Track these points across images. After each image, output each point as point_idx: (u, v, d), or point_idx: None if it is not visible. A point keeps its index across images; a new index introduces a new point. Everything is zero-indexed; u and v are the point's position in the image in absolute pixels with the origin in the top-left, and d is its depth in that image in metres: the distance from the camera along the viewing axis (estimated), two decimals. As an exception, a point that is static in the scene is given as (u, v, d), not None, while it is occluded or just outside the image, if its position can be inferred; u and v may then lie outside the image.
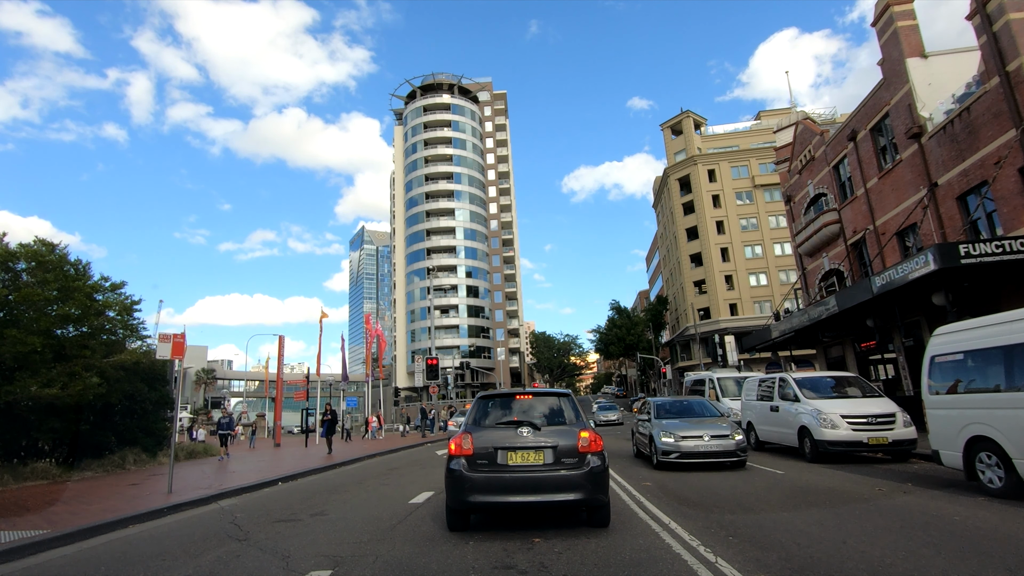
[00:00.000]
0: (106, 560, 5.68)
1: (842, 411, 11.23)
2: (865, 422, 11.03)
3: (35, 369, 13.21)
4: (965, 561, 4.44)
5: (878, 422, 11.01)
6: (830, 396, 12.24)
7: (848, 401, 11.83)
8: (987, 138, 15.15)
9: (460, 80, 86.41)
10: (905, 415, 11.13)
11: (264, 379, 63.60)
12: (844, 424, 11.00)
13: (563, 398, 6.60)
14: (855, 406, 11.44)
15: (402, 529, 6.37)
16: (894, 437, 10.76)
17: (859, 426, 10.98)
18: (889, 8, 19.17)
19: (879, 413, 11.13)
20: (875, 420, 11.04)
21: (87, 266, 16.36)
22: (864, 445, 10.85)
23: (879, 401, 11.71)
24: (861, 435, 10.83)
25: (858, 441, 10.82)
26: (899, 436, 10.79)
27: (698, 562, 4.63)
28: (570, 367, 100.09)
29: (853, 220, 23.08)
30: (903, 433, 10.82)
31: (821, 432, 11.09)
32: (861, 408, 11.32)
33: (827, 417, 11.15)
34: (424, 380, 46.86)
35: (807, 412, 11.64)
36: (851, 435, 10.86)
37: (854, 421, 11.05)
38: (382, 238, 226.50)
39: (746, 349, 32.68)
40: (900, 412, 11.13)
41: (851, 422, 11.04)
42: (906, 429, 10.86)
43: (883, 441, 10.79)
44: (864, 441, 10.81)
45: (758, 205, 60.97)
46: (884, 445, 10.85)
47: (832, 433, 10.98)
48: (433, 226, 78.20)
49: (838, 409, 11.30)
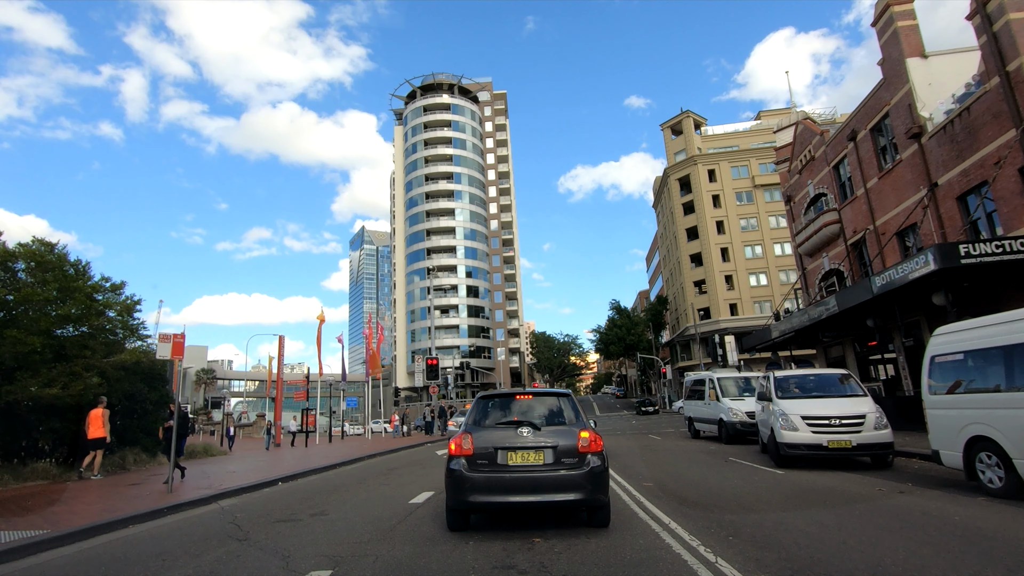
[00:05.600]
0: (106, 560, 5.67)
1: (804, 412, 10.29)
2: (826, 424, 10.03)
3: (35, 369, 13.20)
4: (965, 561, 4.44)
5: (842, 424, 9.96)
6: (805, 396, 11.19)
7: (818, 401, 10.78)
8: (987, 138, 15.15)
9: (460, 80, 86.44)
10: (880, 417, 10.06)
11: (264, 379, 63.57)
12: (803, 426, 10.09)
13: (563, 398, 6.59)
14: (822, 406, 10.44)
15: (402, 529, 6.37)
16: (860, 440, 9.71)
17: (820, 428, 10.02)
18: (889, 8, 19.18)
19: (845, 414, 10.05)
20: (838, 422, 9.98)
21: (87, 266, 16.34)
22: (824, 449, 9.86)
23: (854, 401, 10.59)
24: (821, 438, 9.90)
25: (817, 444, 9.89)
26: (867, 440, 9.72)
27: (698, 562, 4.63)
28: (570, 367, 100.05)
29: (853, 220, 23.08)
30: (872, 436, 9.75)
31: (781, 434, 10.32)
32: (827, 408, 10.31)
33: (788, 418, 10.32)
34: (424, 380, 46.86)
35: (777, 413, 10.80)
36: (811, 438, 9.97)
37: (815, 423, 10.07)
38: (382, 238, 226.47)
39: (746, 349, 32.70)
40: (874, 413, 10.05)
41: (811, 424, 10.08)
42: (877, 432, 9.81)
43: (845, 445, 9.73)
44: (824, 444, 9.85)
45: (758, 205, 60.97)
46: (847, 449, 9.75)
47: (791, 436, 10.15)
48: (433, 226, 78.21)
49: (801, 410, 10.36)
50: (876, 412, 10.13)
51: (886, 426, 10.00)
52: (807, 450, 10.02)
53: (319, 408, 33.11)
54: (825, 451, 9.91)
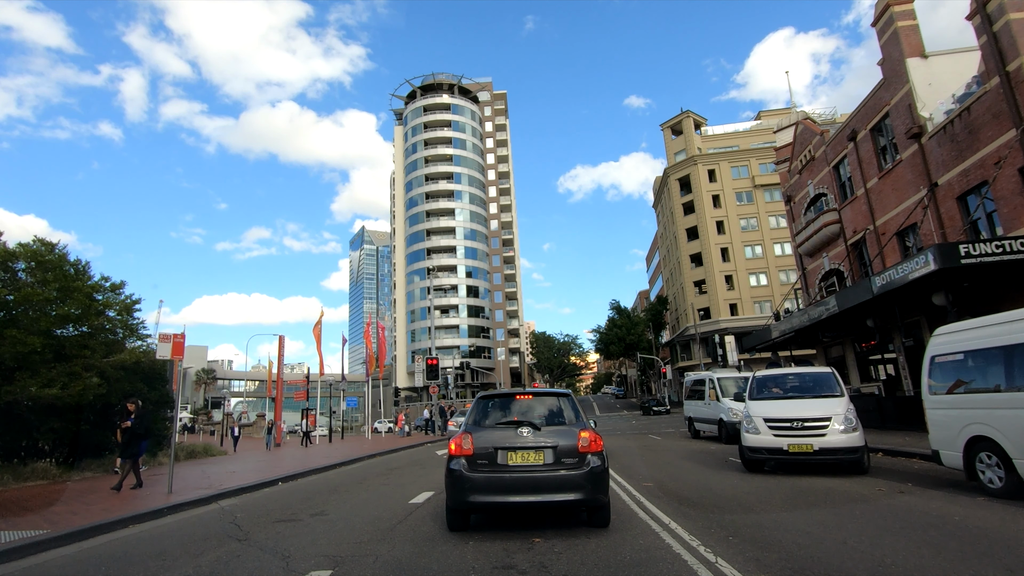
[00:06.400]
0: (106, 560, 5.67)
1: (768, 414, 9.77)
2: (788, 427, 9.46)
3: (35, 369, 13.21)
4: (965, 561, 4.44)
5: (804, 427, 9.35)
6: (782, 397, 10.63)
7: (787, 402, 10.19)
8: (987, 138, 15.15)
9: (460, 80, 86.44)
10: (849, 419, 9.32)
11: (264, 379, 63.60)
12: (765, 429, 9.62)
13: (563, 398, 6.59)
14: (788, 408, 9.86)
15: (402, 529, 6.37)
16: (823, 444, 9.09)
17: (781, 431, 9.48)
18: (889, 8, 19.18)
19: (807, 416, 9.44)
20: (800, 424, 9.39)
21: (87, 266, 16.36)
22: (784, 453, 9.36)
23: (824, 402, 9.86)
24: (782, 441, 9.37)
25: (778, 448, 9.39)
26: (831, 444, 9.07)
27: (698, 562, 4.63)
28: (570, 367, 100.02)
29: (853, 220, 23.08)
30: (838, 440, 9.08)
31: (744, 437, 9.94)
32: (792, 410, 9.73)
33: (752, 420, 9.88)
34: (424, 380, 46.85)
35: (743, 415, 10.36)
36: (772, 441, 9.49)
37: (776, 425, 9.56)
38: (382, 238, 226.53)
39: (746, 349, 32.68)
40: (841, 415, 9.34)
41: (773, 426, 9.58)
42: (843, 435, 9.11)
43: (806, 449, 9.16)
44: (784, 448, 9.33)
45: (758, 205, 60.98)
46: (808, 453, 9.19)
47: (753, 439, 9.72)
48: (433, 226, 78.23)
49: (766, 411, 9.87)
50: (845, 413, 9.38)
51: (855, 429, 9.25)
52: (768, 454, 9.60)
53: (319, 408, 33.13)
54: (786, 455, 9.40)
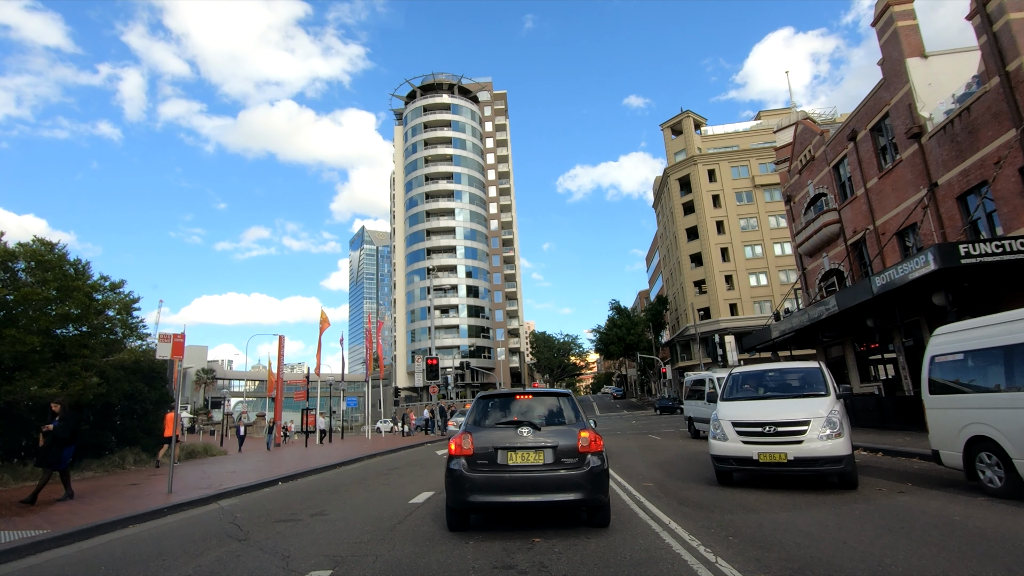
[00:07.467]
0: (106, 560, 5.67)
1: (736, 416, 8.36)
2: (758, 432, 7.95)
3: (35, 369, 13.20)
4: (965, 561, 4.44)
5: (777, 433, 7.83)
6: (752, 396, 9.24)
7: (763, 403, 8.74)
8: (987, 138, 15.15)
9: (460, 80, 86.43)
10: (834, 423, 7.74)
11: (264, 379, 63.64)
12: (734, 435, 8.17)
13: (563, 398, 6.59)
14: (762, 410, 8.38)
15: (402, 529, 6.37)
16: (798, 454, 7.61)
17: (750, 437, 8.02)
18: (889, 8, 19.18)
19: (782, 420, 7.93)
20: (772, 429, 7.88)
21: (87, 265, 16.36)
22: (754, 463, 7.91)
23: (805, 403, 8.33)
24: (752, 449, 7.94)
25: (747, 457, 7.96)
26: (808, 452, 7.59)
27: (698, 562, 4.63)
28: (570, 367, 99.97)
29: (853, 220, 23.08)
30: (817, 448, 7.58)
31: (712, 444, 8.55)
32: (765, 412, 8.24)
33: (720, 425, 8.47)
34: (424, 380, 46.87)
35: (712, 419, 8.90)
36: (741, 449, 8.06)
37: (746, 431, 8.09)
38: (382, 238, 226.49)
39: (746, 349, 32.69)
40: (822, 419, 7.78)
41: (742, 431, 8.12)
42: (824, 443, 7.59)
43: (779, 458, 7.68)
44: (754, 457, 7.87)
45: (758, 205, 60.99)
46: (780, 464, 7.71)
47: (720, 446, 8.36)
48: (433, 226, 78.23)
49: (734, 414, 8.45)
50: (828, 416, 7.82)
51: (839, 435, 7.65)
52: (736, 464, 8.17)
53: (319, 408, 33.15)
54: (756, 466, 7.94)
